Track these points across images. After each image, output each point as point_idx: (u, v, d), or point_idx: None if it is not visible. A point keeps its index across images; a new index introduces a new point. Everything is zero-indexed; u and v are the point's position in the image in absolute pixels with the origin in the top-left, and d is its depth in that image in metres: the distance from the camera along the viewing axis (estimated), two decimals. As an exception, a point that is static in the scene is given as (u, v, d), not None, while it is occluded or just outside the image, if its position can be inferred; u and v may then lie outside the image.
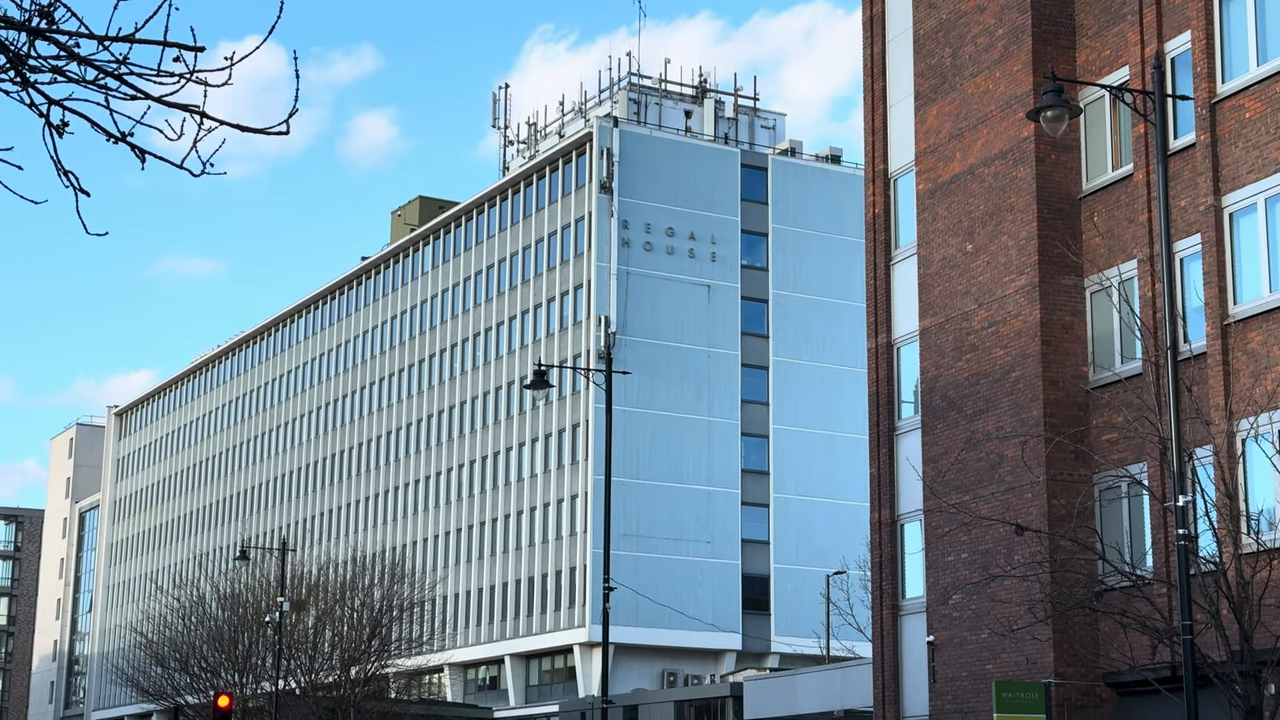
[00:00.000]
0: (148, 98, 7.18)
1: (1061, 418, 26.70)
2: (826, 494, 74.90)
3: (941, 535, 29.00)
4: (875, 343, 32.15)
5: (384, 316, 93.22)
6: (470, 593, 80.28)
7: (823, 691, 35.52)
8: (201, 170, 7.43)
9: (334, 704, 66.77)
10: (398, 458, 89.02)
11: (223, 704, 34.23)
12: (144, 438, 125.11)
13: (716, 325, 76.74)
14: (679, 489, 74.04)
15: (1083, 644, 26.07)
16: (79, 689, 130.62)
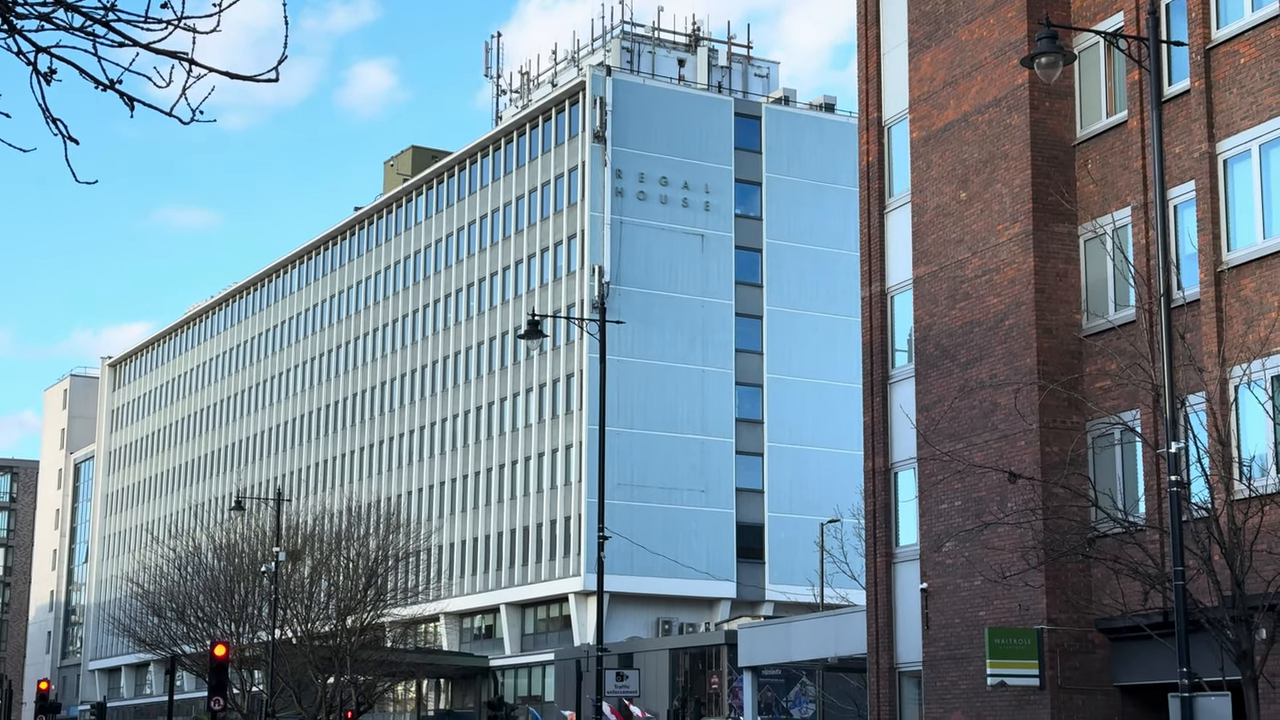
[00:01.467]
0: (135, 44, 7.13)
1: (1055, 365, 26.73)
2: (820, 443, 75.02)
3: (935, 483, 29.08)
4: (869, 291, 32.13)
5: (377, 267, 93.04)
6: (465, 542, 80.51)
7: (817, 639, 35.69)
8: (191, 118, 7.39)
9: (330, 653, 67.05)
10: (392, 408, 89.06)
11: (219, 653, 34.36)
12: (138, 389, 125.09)
13: (710, 274, 76.65)
14: (673, 438, 74.14)
15: (1075, 590, 26.19)
16: (76, 639, 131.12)
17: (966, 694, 28.03)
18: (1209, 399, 22.92)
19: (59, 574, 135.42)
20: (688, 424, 74.75)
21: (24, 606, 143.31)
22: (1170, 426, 20.66)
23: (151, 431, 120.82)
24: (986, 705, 27.47)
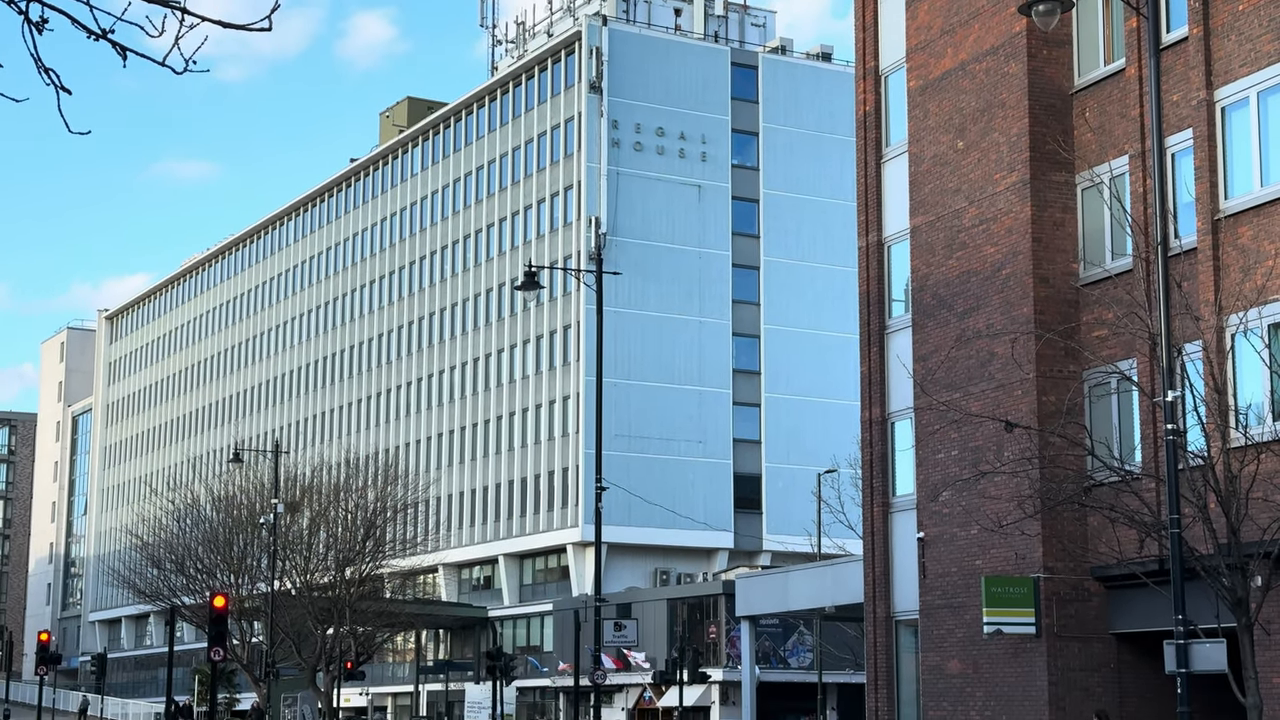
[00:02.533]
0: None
1: (1051, 315, 26.73)
2: (817, 393, 75.07)
3: (932, 432, 29.12)
4: (866, 241, 32.08)
5: (374, 219, 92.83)
6: (463, 494, 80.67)
7: (814, 588, 35.83)
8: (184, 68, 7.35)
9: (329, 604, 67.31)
10: (389, 360, 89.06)
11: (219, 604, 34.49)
12: (135, 341, 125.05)
13: (707, 225, 76.49)
14: (670, 389, 74.18)
15: (1071, 539, 26.28)
16: (76, 591, 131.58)
17: (963, 642, 28.17)
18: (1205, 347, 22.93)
19: (58, 526, 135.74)
20: (685, 375, 74.79)
21: (24, 559, 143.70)
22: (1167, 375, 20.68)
23: (149, 384, 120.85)
24: (983, 653, 27.61)
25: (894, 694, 30.58)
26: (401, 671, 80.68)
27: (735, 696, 55.14)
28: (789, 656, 59.54)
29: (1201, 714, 22.93)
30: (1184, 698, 20.34)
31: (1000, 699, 27.29)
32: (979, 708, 27.73)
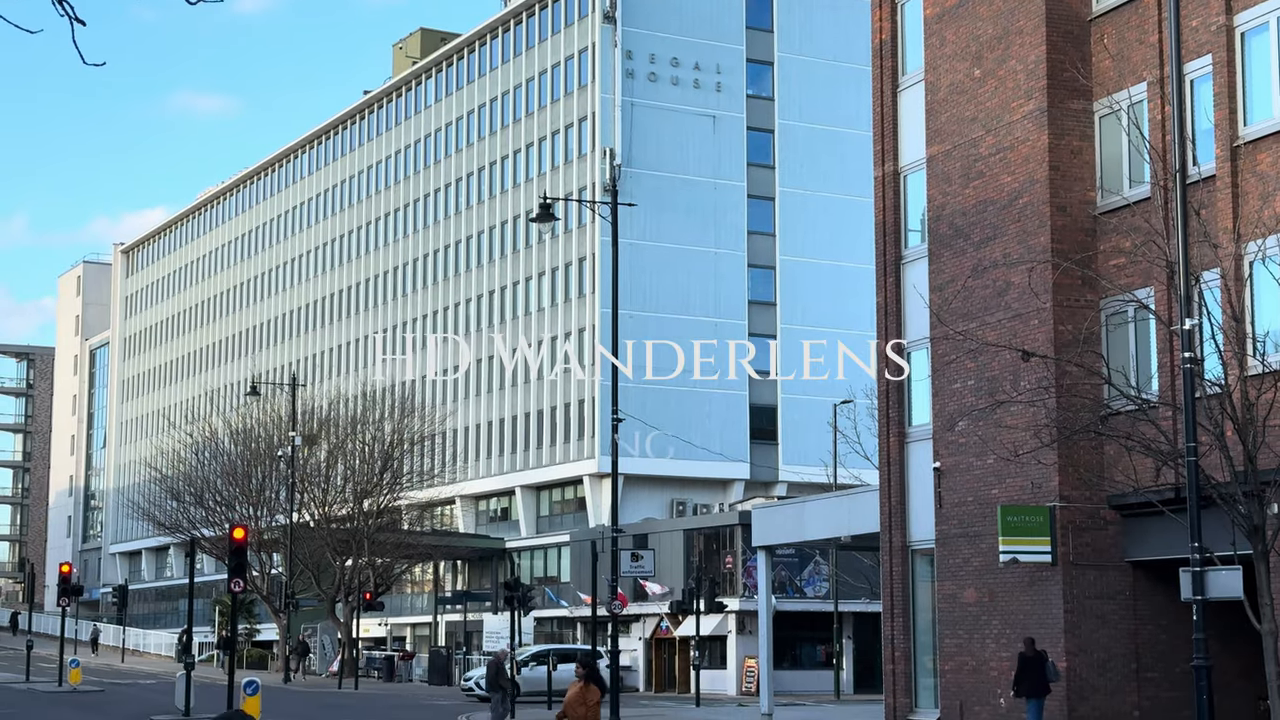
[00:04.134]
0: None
1: (1069, 243, 26.63)
2: (833, 324, 75.01)
3: (948, 362, 29.11)
4: (882, 171, 31.94)
5: (387, 151, 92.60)
6: (480, 426, 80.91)
7: (830, 518, 35.94)
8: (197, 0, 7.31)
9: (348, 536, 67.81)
10: (405, 293, 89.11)
11: (238, 536, 34.66)
12: (151, 275, 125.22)
13: (722, 156, 76.19)
14: (686, 321, 74.15)
15: (1088, 468, 26.31)
16: (96, 523, 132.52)
17: (979, 571, 28.28)
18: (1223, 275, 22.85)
19: (78, 459, 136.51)
20: (700, 307, 74.73)
21: (44, 492, 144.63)
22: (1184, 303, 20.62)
23: (165, 318, 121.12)
24: (999, 582, 27.72)
25: (910, 623, 30.75)
26: (420, 602, 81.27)
27: (752, 626, 55.48)
28: (805, 586, 59.86)
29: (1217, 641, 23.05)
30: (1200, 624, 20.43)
31: (1016, 627, 27.42)
32: (995, 636, 27.87)
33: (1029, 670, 25.84)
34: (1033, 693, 25.79)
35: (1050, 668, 25.66)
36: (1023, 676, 25.92)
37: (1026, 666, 25.91)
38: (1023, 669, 25.99)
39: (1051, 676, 25.68)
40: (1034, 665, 25.84)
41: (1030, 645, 26.05)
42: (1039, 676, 25.71)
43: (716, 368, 74.31)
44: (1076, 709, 26.10)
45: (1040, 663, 25.78)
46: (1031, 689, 25.79)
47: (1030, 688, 25.80)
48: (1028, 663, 25.93)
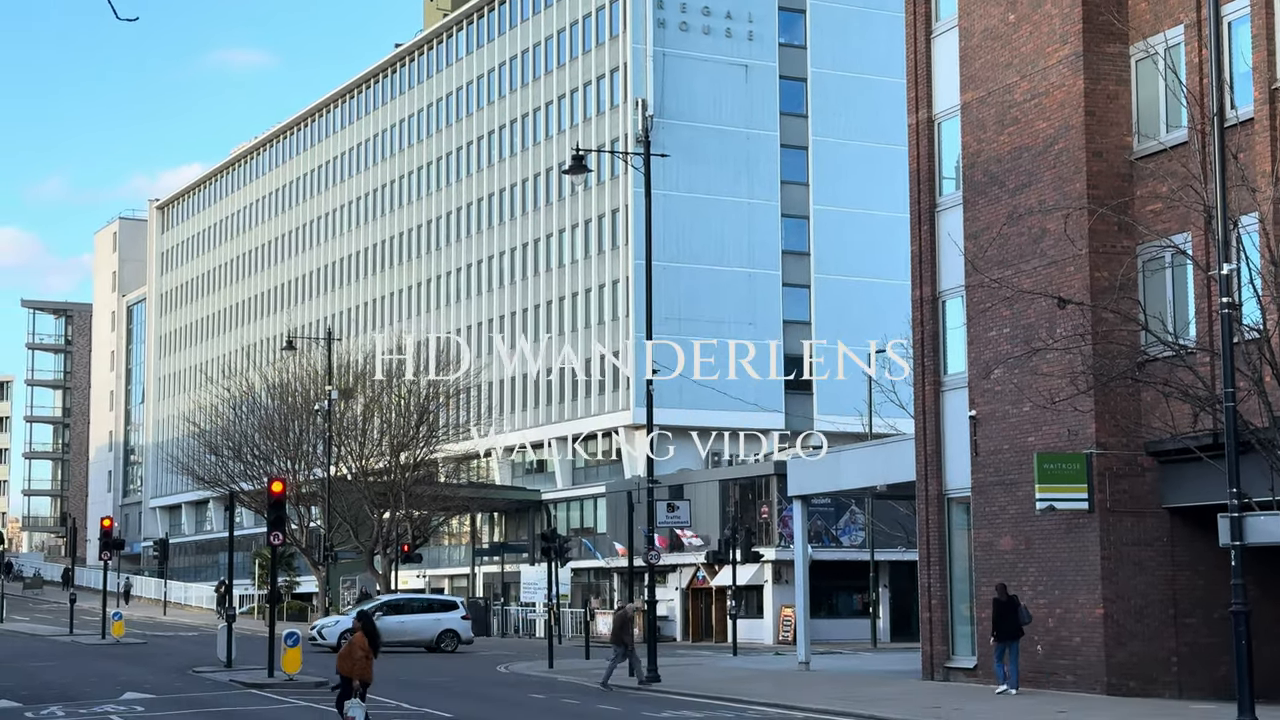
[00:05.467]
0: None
1: (1105, 189, 26.47)
2: (867, 273, 74.77)
3: (983, 310, 29.03)
4: (916, 118, 31.77)
5: (420, 104, 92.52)
6: (515, 378, 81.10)
7: (865, 467, 35.95)
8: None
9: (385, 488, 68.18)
10: (439, 246, 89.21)
11: (276, 490, 34.87)
12: (187, 230, 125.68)
13: (755, 105, 75.84)
14: (720, 271, 74.05)
15: (1124, 414, 26.24)
16: (136, 478, 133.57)
17: (1015, 518, 28.28)
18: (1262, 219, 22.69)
19: (117, 415, 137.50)
20: (734, 257, 74.59)
21: (84, 447, 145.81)
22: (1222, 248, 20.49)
23: (201, 273, 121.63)
24: (1035, 529, 27.73)
25: (946, 571, 30.80)
26: (457, 554, 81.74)
27: (788, 575, 55.62)
28: (841, 535, 59.96)
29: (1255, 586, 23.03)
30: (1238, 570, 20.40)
31: (1053, 574, 27.45)
32: (1031, 583, 27.91)
33: (1004, 615, 27.08)
34: (1008, 636, 27.08)
35: (1023, 612, 27.01)
36: (999, 621, 27.13)
37: (1002, 612, 27.13)
38: (999, 615, 27.18)
39: (1024, 620, 27.02)
40: (1008, 610, 27.09)
41: (1003, 591, 27.26)
42: (1013, 621, 26.99)
43: (751, 318, 74.23)
44: (1114, 655, 26.14)
45: (1014, 608, 27.05)
46: (1007, 633, 27.06)
47: (1006, 632, 27.06)
48: (1003, 608, 27.15)
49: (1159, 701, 25.31)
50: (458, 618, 48.98)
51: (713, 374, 69.49)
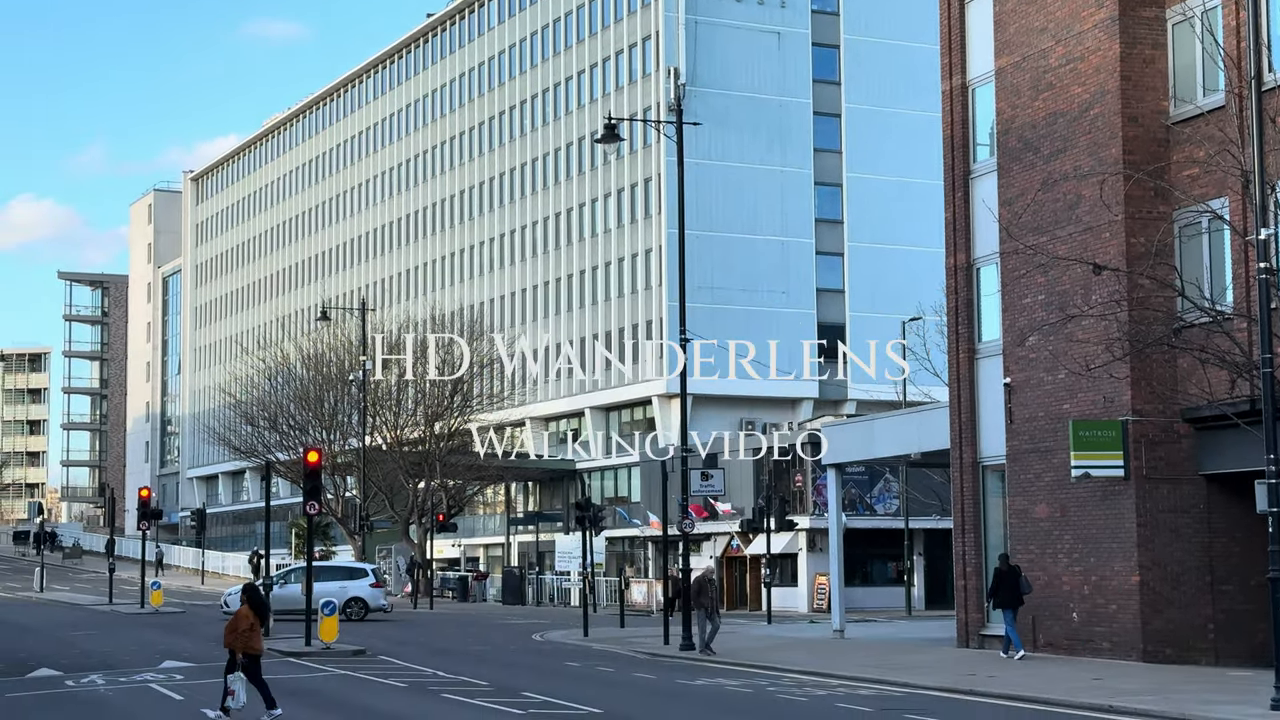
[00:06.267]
0: None
1: (1141, 155, 26.29)
2: (901, 241, 74.49)
3: (1018, 277, 28.91)
4: (950, 85, 31.59)
5: (452, 74, 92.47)
6: (549, 348, 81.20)
7: (899, 436, 35.88)
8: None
9: (419, 458, 68.45)
10: (472, 216, 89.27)
11: (312, 460, 35.05)
12: (221, 202, 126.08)
13: (787, 73, 75.53)
14: (753, 240, 73.90)
15: (1160, 381, 26.12)
16: (173, 448, 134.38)
17: (1050, 486, 28.21)
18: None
19: (153, 386, 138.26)
20: (767, 225, 74.42)
21: (121, 418, 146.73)
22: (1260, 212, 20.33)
23: (236, 245, 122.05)
24: (1071, 496, 27.65)
25: (981, 538, 30.76)
26: (492, 523, 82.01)
27: (822, 543, 55.62)
28: (875, 503, 59.91)
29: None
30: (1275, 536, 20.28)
31: (1088, 541, 27.38)
32: (1067, 550, 27.85)
33: (1004, 583, 27.87)
34: (1008, 603, 27.89)
35: (1023, 581, 27.82)
36: (998, 589, 27.98)
37: (1002, 580, 27.94)
38: (998, 582, 28.02)
39: (1025, 589, 27.82)
40: (1009, 579, 27.88)
41: (1004, 561, 28.14)
42: (1013, 589, 27.79)
43: (784, 287, 74.08)
44: (1150, 622, 26.08)
45: (1015, 576, 27.86)
46: (1006, 600, 27.87)
47: (1005, 599, 27.87)
48: (1003, 577, 27.95)
49: (1195, 668, 25.25)
50: (366, 585, 49.09)
51: (746, 343, 69.40)
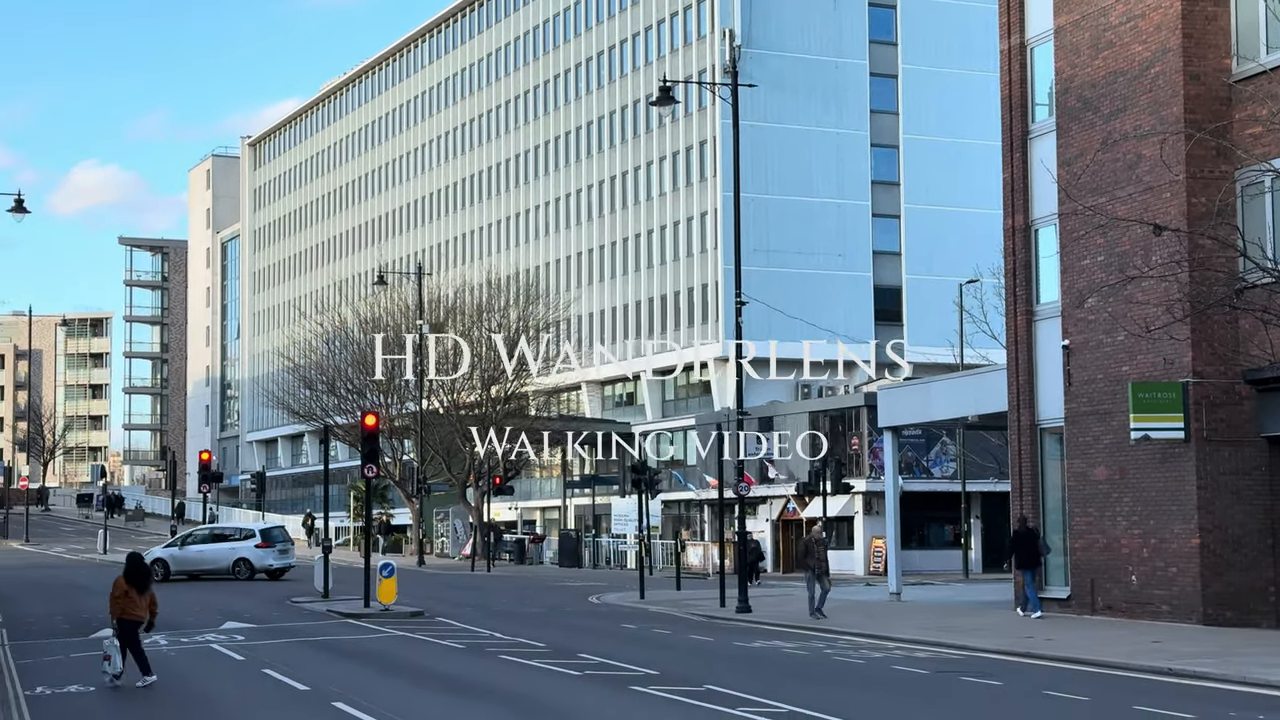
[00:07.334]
0: None
1: (1202, 113, 25.99)
2: (958, 203, 74.00)
3: (1077, 238, 28.69)
4: (1008, 44, 31.31)
5: (508, 38, 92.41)
6: (604, 311, 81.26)
7: (956, 398, 35.73)
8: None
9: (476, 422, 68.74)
10: (527, 180, 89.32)
11: (369, 424, 35.29)
12: (278, 167, 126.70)
13: (843, 34, 75.04)
14: (809, 203, 73.61)
15: (1222, 342, 25.89)
16: (233, 412, 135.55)
17: (1109, 448, 28.04)
18: (1365, 143, 22.18)
19: (213, 350, 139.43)
20: (823, 188, 74.08)
21: (182, 382, 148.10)
22: (1324, 172, 20.08)
23: (293, 209, 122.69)
24: (1130, 459, 27.48)
25: (1039, 501, 30.63)
26: (549, 486, 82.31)
27: (878, 507, 55.53)
28: (932, 466, 59.72)
29: (1355, 516, 22.68)
30: (1337, 500, 20.12)
31: (1148, 504, 27.22)
32: (1125, 513, 27.70)
33: (1023, 544, 28.92)
34: (1026, 564, 28.92)
35: (1042, 543, 28.93)
36: (1017, 549, 29.05)
37: (1020, 541, 28.99)
38: (1017, 543, 29.10)
39: (1043, 551, 28.90)
40: (1027, 540, 28.92)
41: (1023, 522, 29.25)
42: (1032, 550, 28.84)
43: (840, 249, 73.79)
44: (1210, 585, 25.92)
45: (1033, 538, 28.92)
46: (1025, 561, 28.90)
47: (1024, 559, 28.90)
48: (1021, 538, 28.99)
49: (1256, 631, 25.07)
50: (252, 546, 51.12)
51: (802, 306, 69.22)
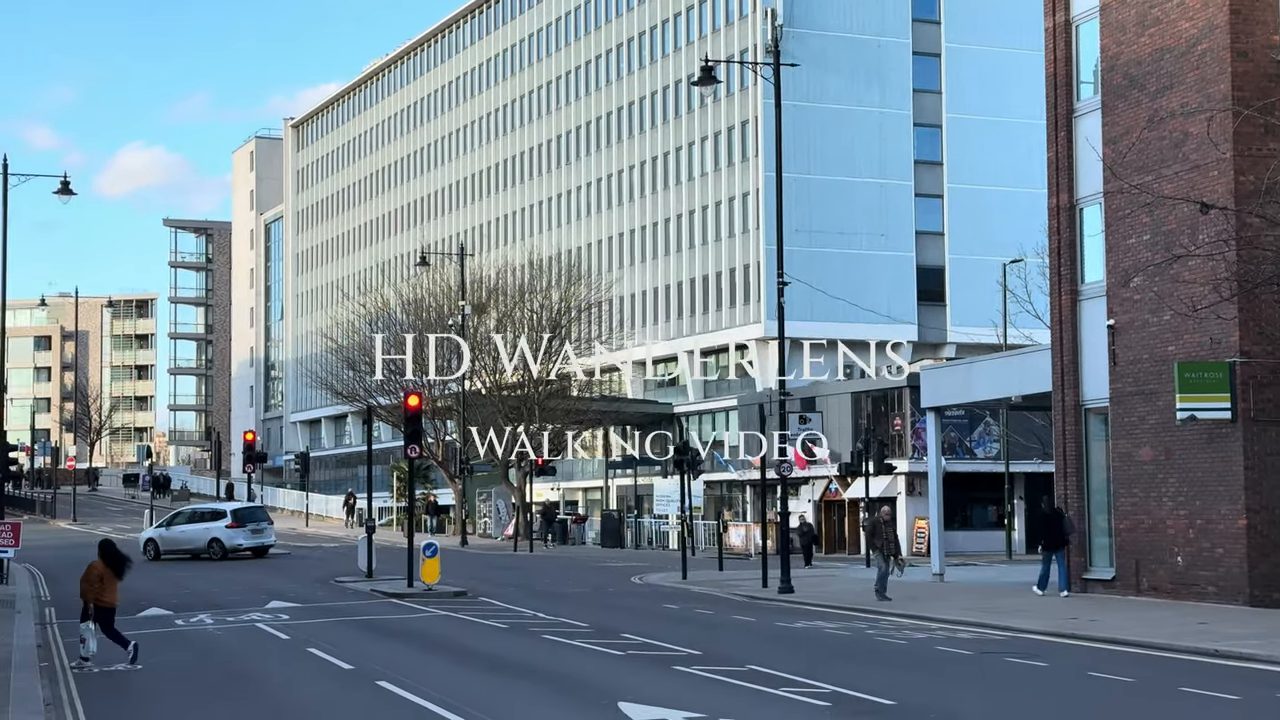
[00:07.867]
0: None
1: (1250, 90, 25.75)
2: (1002, 182, 73.57)
3: (1122, 217, 28.49)
4: (1053, 21, 31.08)
5: (550, 17, 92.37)
6: (646, 292, 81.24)
7: (1000, 378, 35.57)
8: None
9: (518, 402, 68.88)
10: (569, 160, 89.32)
11: (412, 404, 35.44)
12: (321, 149, 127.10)
13: (886, 13, 74.64)
14: (851, 183, 73.34)
15: (1269, 321, 25.69)
16: (277, 393, 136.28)
17: (1155, 429, 27.87)
18: None
19: (257, 331, 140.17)
20: (865, 168, 73.78)
21: (226, 363, 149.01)
22: (1374, 149, 19.87)
23: (336, 191, 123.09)
24: (1175, 439, 27.31)
25: (1083, 481, 30.48)
26: (591, 467, 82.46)
27: (921, 487, 55.37)
28: (975, 447, 59.50)
29: (1404, 497, 22.48)
30: (1386, 481, 19.95)
31: (1194, 484, 27.05)
32: (1171, 494, 27.53)
33: (1049, 526, 29.40)
34: (1053, 545, 29.34)
35: (1067, 522, 29.25)
36: (1044, 530, 29.62)
37: (1047, 522, 29.52)
38: (1042, 525, 29.74)
39: (1069, 530, 29.23)
40: (1054, 521, 29.33)
41: (1049, 504, 29.88)
42: (1058, 531, 29.23)
43: (883, 229, 73.51)
44: (1257, 566, 25.75)
45: (1059, 519, 29.28)
46: (1052, 542, 29.33)
47: (1051, 541, 29.34)
48: (1048, 519, 29.53)
49: (1303, 614, 24.91)
50: (223, 526, 52.50)
51: (844, 286, 69.04)
